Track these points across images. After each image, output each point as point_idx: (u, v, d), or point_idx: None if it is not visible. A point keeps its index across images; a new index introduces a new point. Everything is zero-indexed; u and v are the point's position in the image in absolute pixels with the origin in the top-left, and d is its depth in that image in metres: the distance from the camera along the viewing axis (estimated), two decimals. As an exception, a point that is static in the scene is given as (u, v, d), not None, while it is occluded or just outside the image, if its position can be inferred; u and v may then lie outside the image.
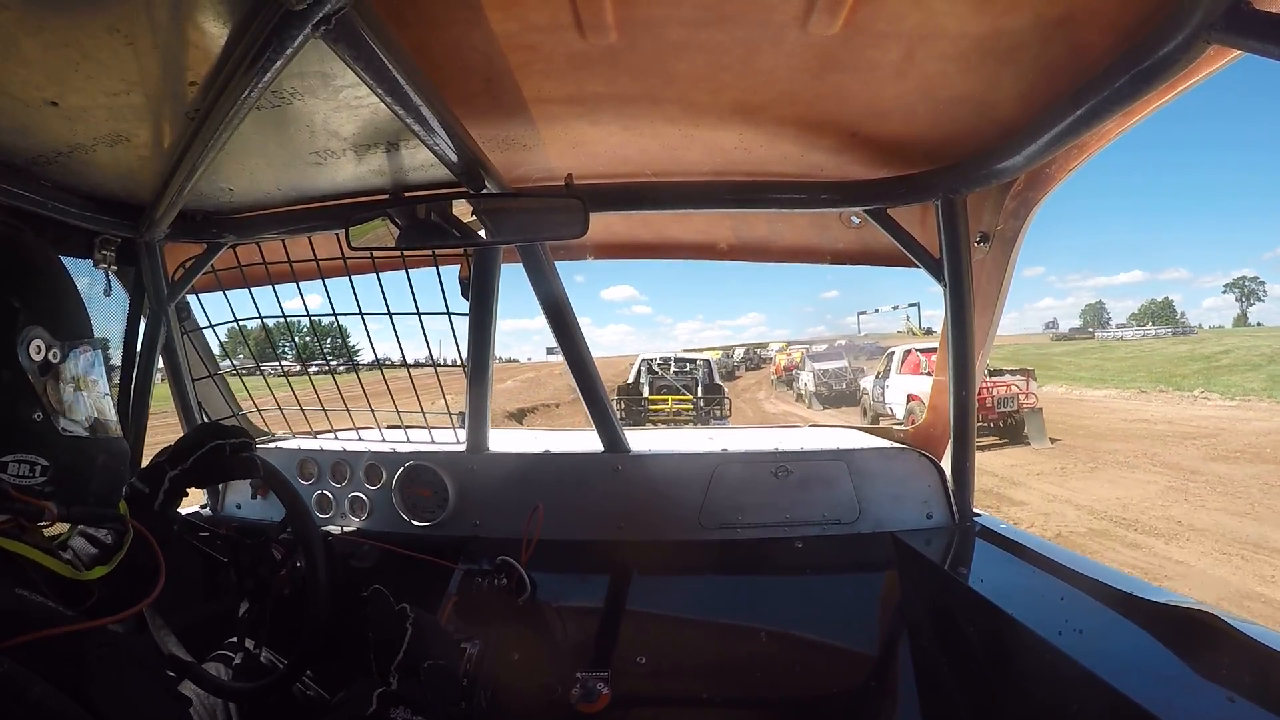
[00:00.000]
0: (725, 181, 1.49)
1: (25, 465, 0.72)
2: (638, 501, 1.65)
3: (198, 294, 1.83)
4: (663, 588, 1.56)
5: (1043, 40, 0.93)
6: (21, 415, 0.72)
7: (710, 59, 1.04)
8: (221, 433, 1.10)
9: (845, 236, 1.73)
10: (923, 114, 1.19)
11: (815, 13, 0.90)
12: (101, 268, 1.51)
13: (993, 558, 1.44)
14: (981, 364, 1.57)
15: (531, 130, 1.29)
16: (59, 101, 0.96)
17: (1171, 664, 0.94)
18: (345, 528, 1.79)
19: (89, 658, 0.57)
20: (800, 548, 1.58)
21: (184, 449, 1.06)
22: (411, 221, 1.39)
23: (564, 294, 1.64)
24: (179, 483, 1.05)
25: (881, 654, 1.39)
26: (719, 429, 2.74)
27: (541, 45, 1.01)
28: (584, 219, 1.30)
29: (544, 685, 1.33)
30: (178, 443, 1.09)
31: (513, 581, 1.42)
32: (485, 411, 1.76)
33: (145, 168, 1.24)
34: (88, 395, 0.81)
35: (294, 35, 0.77)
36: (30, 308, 0.74)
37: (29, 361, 0.73)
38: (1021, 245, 1.44)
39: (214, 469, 1.08)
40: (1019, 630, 1.10)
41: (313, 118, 1.12)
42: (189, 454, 1.05)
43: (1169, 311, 51.30)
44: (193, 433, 1.11)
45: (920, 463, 1.63)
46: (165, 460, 1.05)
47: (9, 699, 0.49)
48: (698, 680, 1.40)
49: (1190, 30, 0.77)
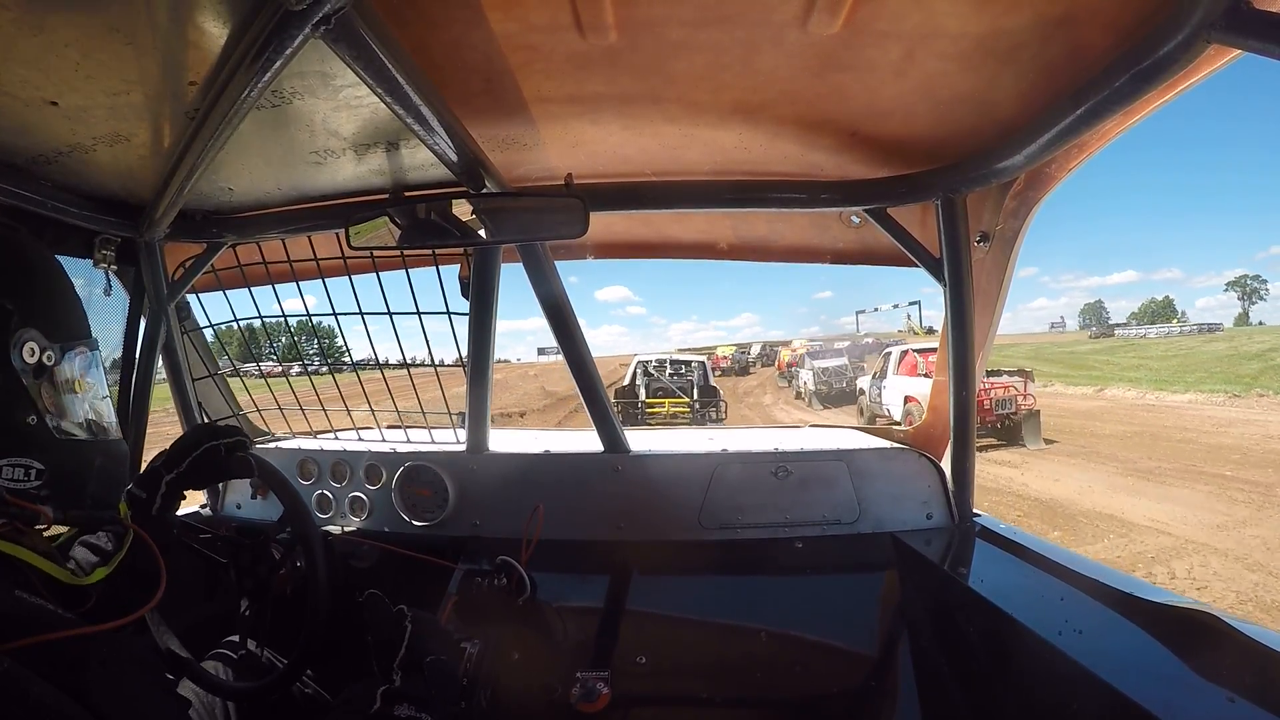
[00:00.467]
0: (725, 181, 1.49)
1: (19, 469, 0.71)
2: (638, 501, 1.65)
3: (198, 294, 1.83)
4: (663, 588, 1.56)
5: (1043, 40, 0.93)
6: (15, 418, 0.72)
7: (710, 59, 1.04)
8: (216, 433, 1.08)
9: (845, 236, 1.73)
10: (923, 114, 1.19)
11: (815, 12, 0.90)
12: (101, 267, 1.51)
13: (992, 558, 1.44)
14: (982, 364, 1.57)
15: (531, 130, 1.29)
16: (59, 101, 0.96)
17: (1171, 664, 0.94)
18: (345, 528, 1.79)
19: (90, 659, 0.57)
20: (800, 548, 1.58)
21: (179, 452, 1.05)
22: (411, 221, 1.39)
23: (564, 294, 1.64)
24: (175, 486, 1.03)
25: (881, 654, 1.39)
26: (718, 429, 2.74)
27: (541, 45, 1.01)
28: (584, 218, 1.30)
29: (544, 685, 1.33)
30: (173, 446, 1.08)
31: (513, 581, 1.42)
32: (485, 411, 1.76)
33: (145, 167, 1.24)
34: (84, 397, 0.80)
35: (294, 35, 0.77)
36: (24, 310, 0.74)
37: (22, 364, 0.73)
38: (1021, 245, 1.44)
39: (210, 470, 1.07)
40: (1019, 630, 1.10)
41: (313, 117, 1.12)
42: (184, 457, 1.04)
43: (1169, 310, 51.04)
44: (187, 434, 1.10)
45: (920, 463, 1.63)
46: (161, 464, 1.04)
47: (10, 699, 0.49)
48: (698, 680, 1.40)
49: (1190, 30, 0.77)
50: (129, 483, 0.99)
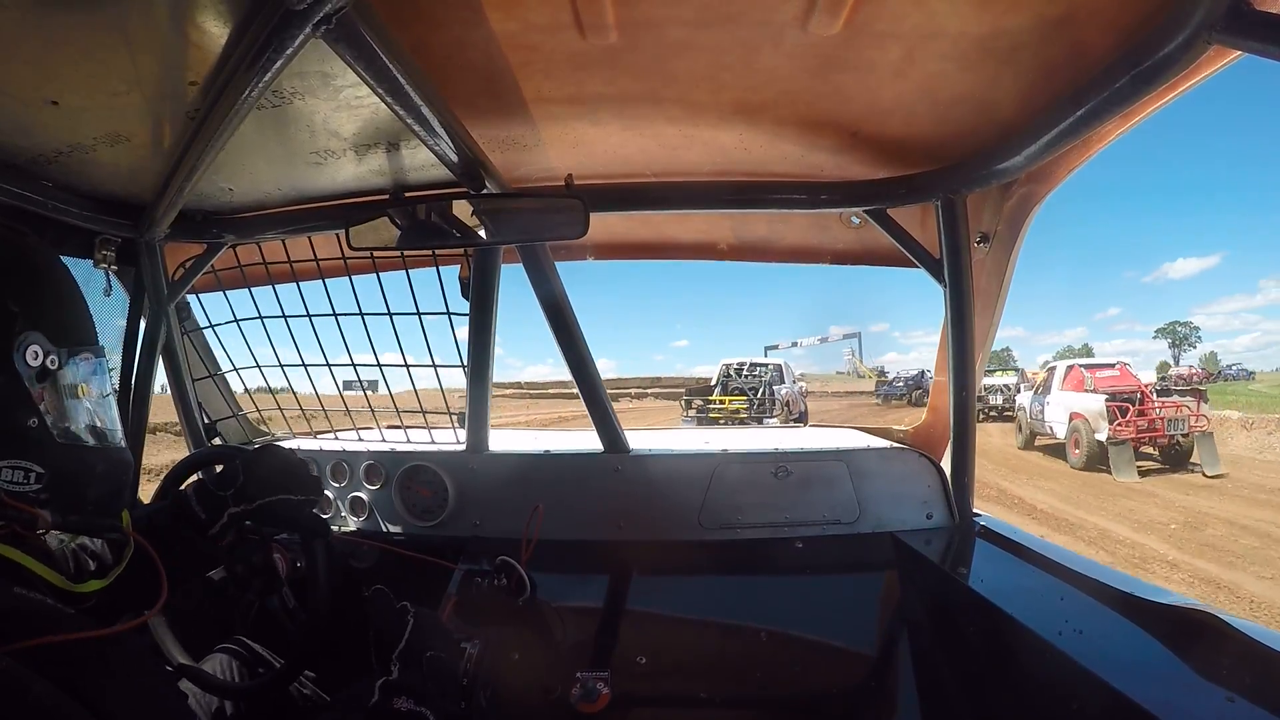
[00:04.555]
0: (725, 181, 1.49)
1: (19, 472, 0.70)
2: (638, 501, 1.65)
3: (198, 294, 1.83)
4: (662, 588, 1.56)
5: (1043, 40, 0.93)
6: (16, 421, 0.71)
7: (710, 59, 1.04)
8: (295, 484, 1.06)
9: (845, 237, 1.73)
10: (923, 114, 1.19)
11: (816, 13, 0.90)
12: (101, 268, 1.51)
13: (992, 558, 1.44)
14: (981, 365, 1.57)
15: (531, 130, 1.29)
16: (59, 101, 0.96)
17: (1171, 664, 0.94)
18: (345, 528, 1.79)
19: (89, 656, 0.57)
20: (800, 548, 1.58)
21: (252, 490, 1.03)
22: (411, 221, 1.39)
23: (564, 294, 1.64)
24: (238, 519, 1.03)
25: (881, 654, 1.39)
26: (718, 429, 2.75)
27: (542, 45, 1.01)
28: (584, 219, 1.30)
29: (544, 685, 1.33)
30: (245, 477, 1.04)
31: (513, 581, 1.41)
32: (485, 412, 1.76)
33: (145, 167, 1.24)
34: (88, 403, 0.79)
35: (294, 35, 0.77)
36: (29, 313, 0.73)
37: (25, 367, 0.72)
38: (1021, 245, 1.44)
39: (275, 519, 1.07)
40: (1019, 630, 1.10)
41: (313, 117, 1.12)
42: (255, 498, 1.03)
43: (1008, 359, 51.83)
44: (260, 466, 1.06)
45: (920, 463, 1.63)
46: (229, 496, 1.03)
47: (9, 698, 0.49)
48: (697, 680, 1.40)
49: (1190, 30, 0.77)
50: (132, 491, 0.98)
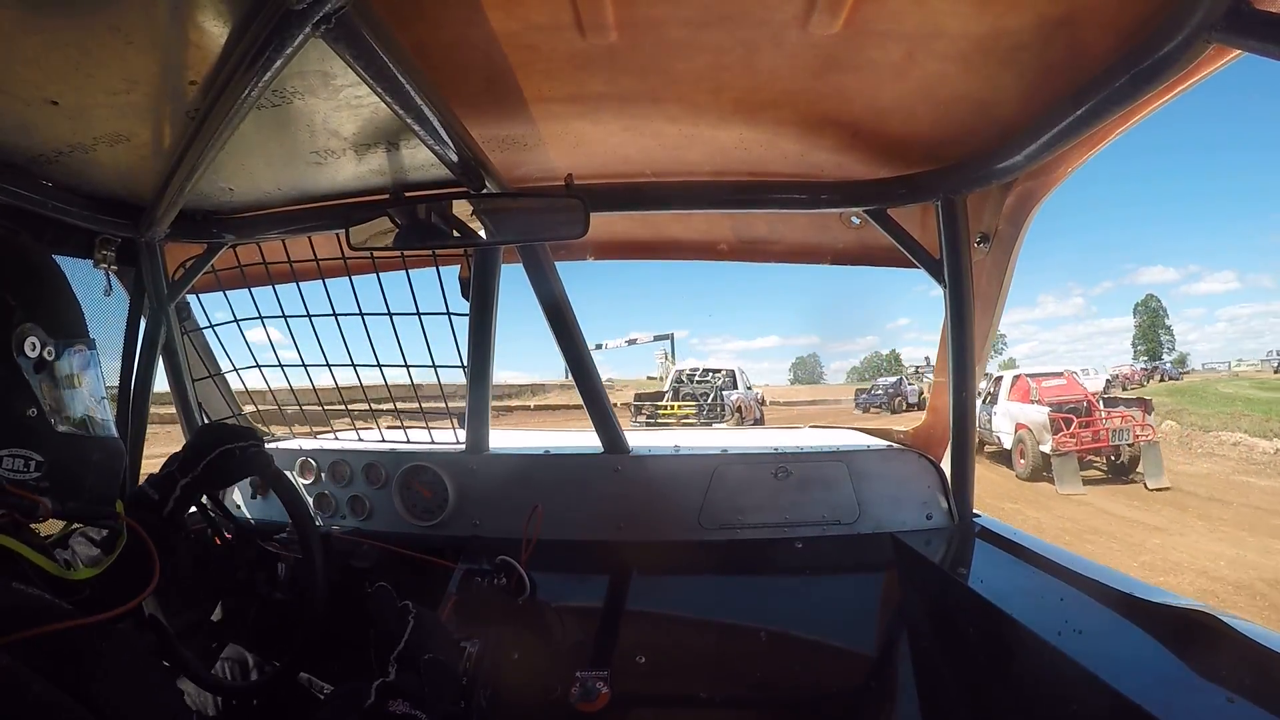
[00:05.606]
0: (725, 181, 1.49)
1: (20, 460, 0.72)
2: (637, 502, 1.65)
3: (198, 294, 1.83)
4: (662, 588, 1.56)
5: (1043, 40, 0.93)
6: (16, 411, 0.73)
7: (711, 59, 1.04)
8: (228, 435, 1.09)
9: (845, 237, 1.73)
10: (923, 114, 1.19)
11: (816, 12, 0.90)
12: (101, 268, 1.51)
13: (992, 558, 1.44)
14: (981, 365, 1.57)
15: (532, 130, 1.29)
16: (59, 100, 0.96)
17: (1171, 664, 0.94)
18: (345, 528, 1.79)
19: (86, 651, 0.57)
20: (800, 548, 1.58)
21: (193, 455, 1.06)
22: (411, 221, 1.39)
23: (564, 294, 1.64)
24: (190, 490, 1.05)
25: (881, 654, 1.39)
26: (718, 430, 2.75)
27: (542, 45, 1.01)
28: (584, 219, 1.30)
29: (544, 685, 1.33)
30: (186, 449, 1.08)
31: (513, 581, 1.41)
32: (485, 412, 1.76)
33: (145, 167, 1.24)
34: (83, 394, 0.82)
35: (294, 35, 0.77)
36: (26, 306, 0.75)
37: (24, 358, 0.74)
38: (1021, 245, 1.44)
39: (225, 473, 1.08)
40: (1019, 631, 1.10)
41: (313, 117, 1.12)
42: (198, 460, 1.05)
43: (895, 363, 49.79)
44: (198, 437, 1.10)
45: (920, 463, 1.63)
46: (176, 469, 1.05)
47: (10, 696, 0.49)
48: (697, 680, 1.40)
49: (1190, 30, 0.77)
50: (125, 479, 0.99)
